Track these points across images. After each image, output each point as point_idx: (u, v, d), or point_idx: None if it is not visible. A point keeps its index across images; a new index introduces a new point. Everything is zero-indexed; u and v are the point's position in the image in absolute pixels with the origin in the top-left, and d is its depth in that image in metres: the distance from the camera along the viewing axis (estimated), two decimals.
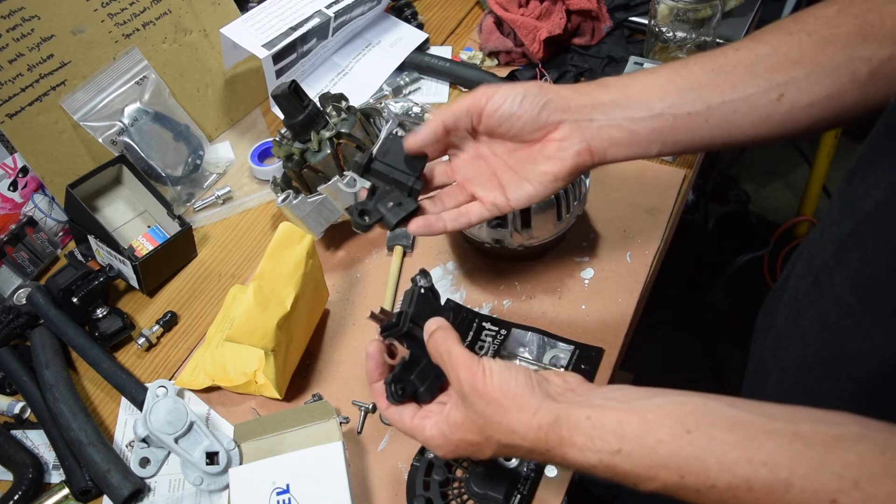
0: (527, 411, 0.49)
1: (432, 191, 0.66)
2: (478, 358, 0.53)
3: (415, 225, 0.63)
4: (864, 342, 0.50)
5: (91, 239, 0.90)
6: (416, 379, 0.58)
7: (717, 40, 1.07)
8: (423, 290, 0.61)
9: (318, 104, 0.89)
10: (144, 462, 0.74)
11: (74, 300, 0.84)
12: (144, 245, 0.94)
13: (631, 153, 0.60)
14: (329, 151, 0.86)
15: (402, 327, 0.58)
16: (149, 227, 0.96)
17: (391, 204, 0.62)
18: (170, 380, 0.80)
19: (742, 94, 0.58)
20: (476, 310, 0.83)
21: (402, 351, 0.61)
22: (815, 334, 0.55)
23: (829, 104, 0.57)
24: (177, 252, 0.93)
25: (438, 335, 0.56)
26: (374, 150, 0.63)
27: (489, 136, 0.63)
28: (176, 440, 0.71)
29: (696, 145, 0.60)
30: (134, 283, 0.90)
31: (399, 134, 0.64)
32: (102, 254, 0.90)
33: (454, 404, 0.54)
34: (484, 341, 0.79)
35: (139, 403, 0.78)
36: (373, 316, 0.63)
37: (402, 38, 1.16)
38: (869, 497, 0.37)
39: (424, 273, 0.62)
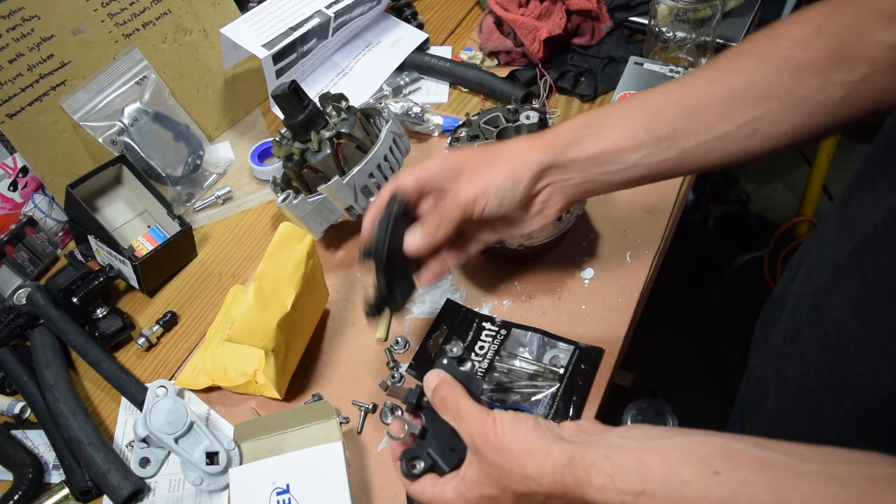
0: (539, 454, 0.47)
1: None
2: (487, 410, 0.52)
3: (426, 276, 0.67)
4: (866, 367, 0.49)
5: (91, 239, 0.90)
6: (433, 451, 0.55)
7: (717, 40, 1.07)
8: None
9: (318, 104, 0.89)
10: (144, 462, 0.74)
11: (74, 300, 0.84)
12: (144, 245, 0.94)
13: (603, 193, 0.64)
14: (329, 151, 0.86)
15: (410, 401, 0.57)
16: (149, 227, 0.96)
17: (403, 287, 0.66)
18: (170, 380, 0.80)
19: (716, 133, 0.58)
20: (476, 310, 0.83)
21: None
22: (815, 357, 0.54)
23: (801, 130, 0.57)
24: (177, 252, 0.93)
25: (444, 391, 0.54)
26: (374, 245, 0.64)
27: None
28: (176, 440, 0.71)
29: (668, 178, 0.62)
30: (134, 283, 0.90)
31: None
32: (102, 254, 0.90)
33: (468, 462, 0.53)
34: (484, 341, 0.79)
35: (139, 403, 0.78)
36: (390, 391, 0.66)
37: (402, 38, 1.16)
38: None
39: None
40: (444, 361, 0.56)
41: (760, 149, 0.58)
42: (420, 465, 0.54)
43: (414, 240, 0.64)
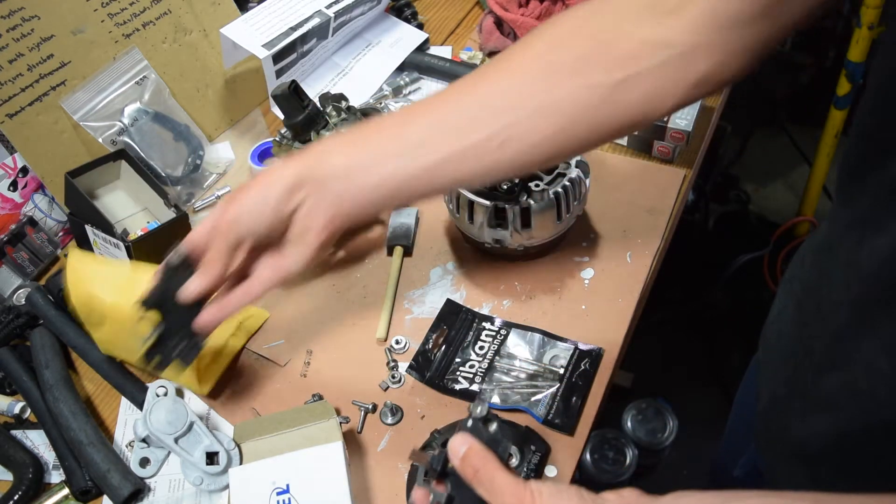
0: None
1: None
2: (523, 481, 0.47)
3: (203, 318, 0.64)
4: None
5: (89, 230, 0.90)
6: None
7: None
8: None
9: (318, 104, 0.89)
10: (144, 462, 0.74)
11: None
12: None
13: (368, 213, 0.61)
14: None
15: (435, 468, 0.51)
16: (148, 222, 0.96)
17: (183, 344, 0.65)
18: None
19: (466, 143, 0.55)
20: (476, 310, 0.83)
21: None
22: (844, 400, 0.52)
23: (558, 139, 0.55)
24: (173, 240, 0.92)
25: (475, 462, 0.48)
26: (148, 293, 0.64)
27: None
28: (176, 440, 0.71)
29: (429, 195, 0.60)
30: None
31: (172, 262, 0.64)
32: (99, 244, 0.90)
33: None
34: (484, 341, 0.79)
35: (139, 403, 0.78)
36: (413, 455, 0.59)
37: (402, 38, 1.16)
38: None
39: None
40: (469, 423, 0.51)
41: (515, 161, 0.56)
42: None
43: (190, 282, 0.63)
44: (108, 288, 0.76)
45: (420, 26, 1.20)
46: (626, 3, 0.53)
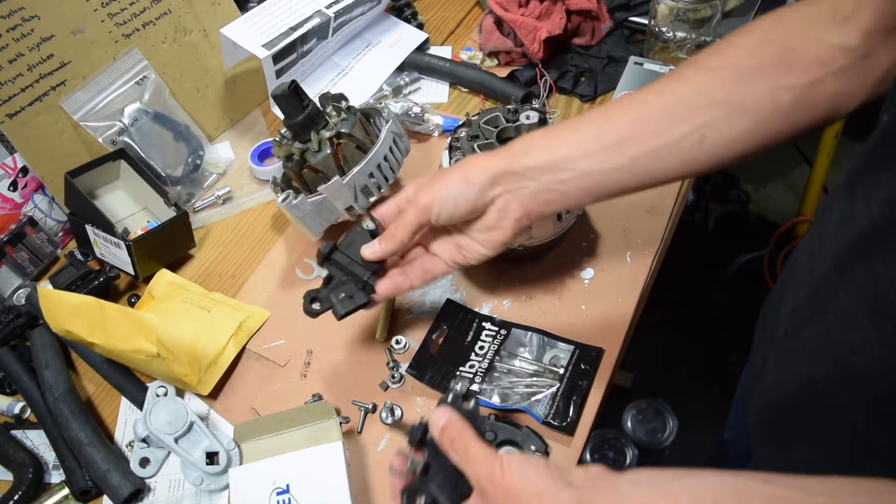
0: (547, 498, 0.47)
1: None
2: (495, 452, 0.51)
3: (383, 287, 0.69)
4: (870, 359, 0.49)
5: (89, 230, 0.90)
6: (435, 488, 0.54)
7: (717, 40, 1.07)
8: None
9: (318, 104, 0.89)
10: (144, 462, 0.74)
11: None
12: None
13: (563, 207, 0.65)
14: (329, 151, 0.86)
15: (414, 436, 0.56)
16: (148, 222, 0.96)
17: (343, 295, 0.68)
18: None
19: (664, 140, 0.59)
20: (476, 310, 0.83)
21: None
22: (819, 348, 0.54)
23: (752, 137, 0.58)
24: (173, 239, 0.93)
25: (452, 432, 0.53)
26: (339, 241, 0.68)
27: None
28: (176, 440, 0.71)
29: (626, 191, 0.63)
30: (130, 269, 0.89)
31: (367, 227, 0.69)
32: (100, 243, 0.90)
33: (473, 501, 0.52)
34: (484, 341, 0.79)
35: (139, 403, 0.78)
36: (395, 425, 0.67)
37: (402, 38, 1.16)
38: None
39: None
40: (449, 398, 0.55)
41: (711, 157, 0.59)
42: (421, 502, 0.53)
43: (372, 246, 0.68)
44: (84, 326, 0.77)
45: (420, 26, 1.20)
46: (808, 12, 0.57)
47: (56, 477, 0.77)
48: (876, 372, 0.49)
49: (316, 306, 0.67)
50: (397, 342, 0.81)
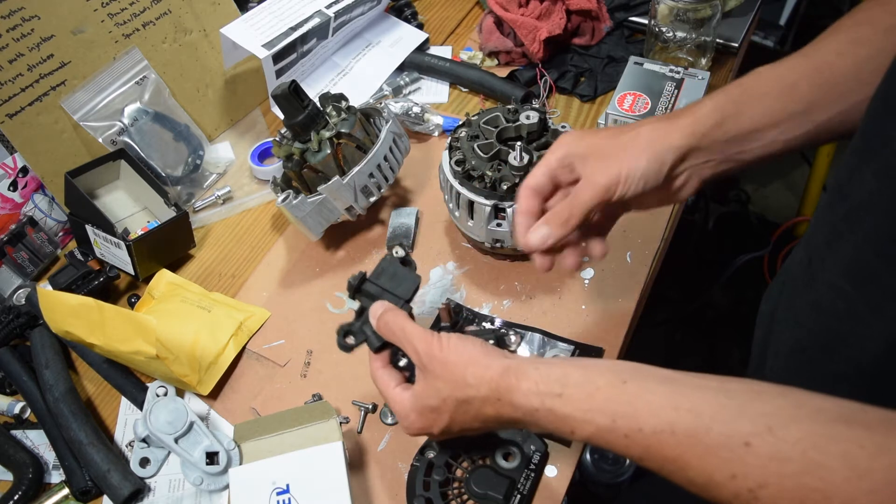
0: (480, 365, 0.53)
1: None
2: (432, 331, 0.57)
3: (569, 261, 0.65)
4: (856, 325, 0.52)
5: (89, 229, 0.90)
6: (368, 329, 0.62)
7: (717, 40, 1.07)
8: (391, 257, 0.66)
9: (318, 104, 0.89)
10: (144, 462, 0.74)
11: None
12: None
13: (735, 173, 0.63)
14: (329, 151, 0.86)
15: (351, 283, 0.63)
16: (148, 222, 0.96)
17: None
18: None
19: (848, 104, 0.58)
20: (476, 310, 0.83)
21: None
22: (808, 317, 0.56)
23: None
24: (173, 239, 0.93)
25: (388, 316, 0.60)
26: (368, 272, 0.66)
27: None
28: (176, 440, 0.71)
29: (799, 150, 0.62)
30: (130, 269, 0.89)
31: (397, 255, 0.66)
32: (100, 243, 0.90)
33: (417, 378, 0.58)
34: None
35: (139, 403, 0.78)
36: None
37: (402, 38, 1.16)
38: (779, 440, 0.40)
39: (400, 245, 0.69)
40: (389, 255, 0.62)
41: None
42: (352, 340, 0.63)
43: (539, 231, 0.61)
44: (83, 327, 0.77)
45: (420, 26, 1.20)
46: None
47: (56, 477, 0.77)
48: (863, 338, 0.51)
49: (350, 340, 0.64)
50: None
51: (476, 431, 0.58)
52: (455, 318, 0.61)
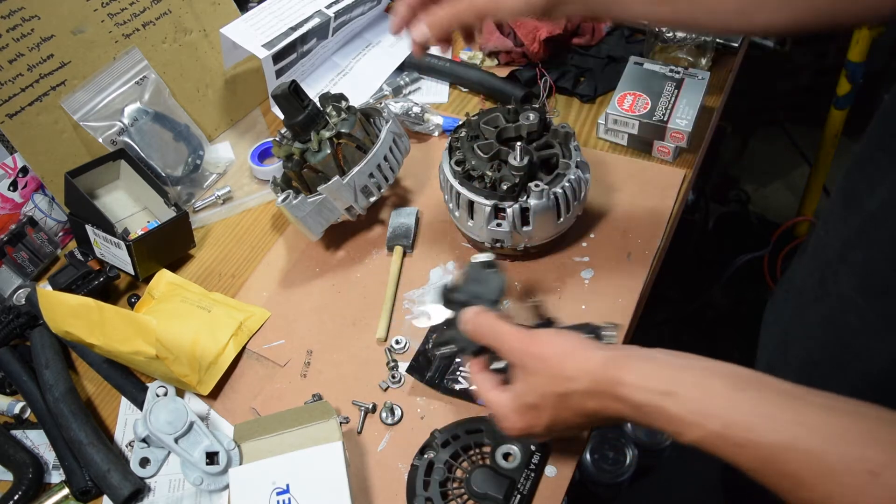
0: (579, 357, 0.51)
1: None
2: (525, 328, 0.55)
3: (415, 49, 0.72)
4: (869, 339, 0.51)
5: (89, 229, 0.90)
6: (459, 335, 0.61)
7: (717, 40, 1.07)
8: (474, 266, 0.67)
9: (318, 104, 0.89)
10: (144, 462, 0.74)
11: None
12: None
13: (597, 20, 0.66)
14: (329, 151, 0.86)
15: (442, 294, 0.63)
16: (148, 222, 0.96)
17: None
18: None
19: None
20: None
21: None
22: (820, 331, 0.56)
23: (792, 22, 0.57)
24: (173, 239, 0.93)
25: (479, 319, 0.58)
26: (450, 282, 0.67)
27: None
28: (176, 440, 0.71)
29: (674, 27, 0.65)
30: (130, 269, 0.89)
31: (479, 259, 0.68)
32: (100, 243, 0.90)
33: (515, 377, 0.56)
34: None
35: (139, 403, 0.78)
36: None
37: (402, 38, 1.16)
38: None
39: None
40: (474, 261, 0.65)
41: (760, 21, 0.58)
42: (448, 349, 0.63)
43: (421, 32, 0.69)
44: (83, 327, 0.77)
45: None
46: None
47: (56, 477, 0.77)
48: (875, 352, 0.50)
49: (446, 349, 0.64)
50: (397, 342, 0.81)
51: (580, 429, 0.56)
52: (547, 318, 0.60)
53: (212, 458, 0.71)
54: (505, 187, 0.78)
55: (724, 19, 0.60)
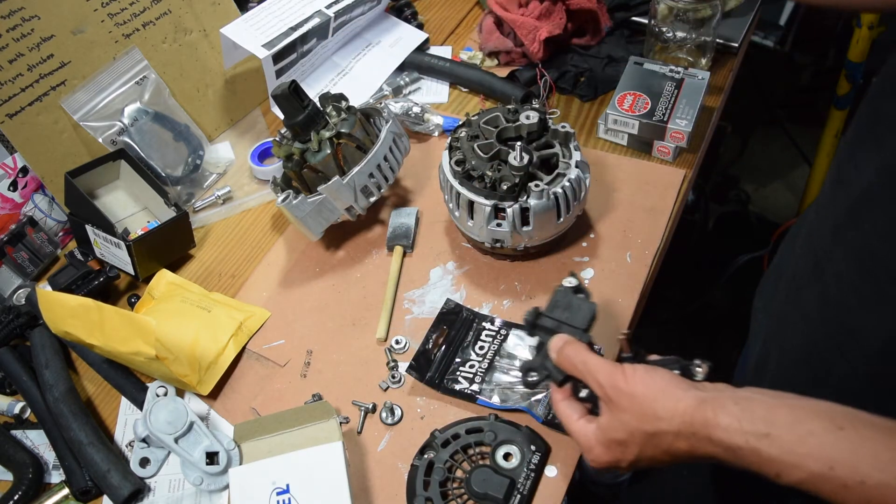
0: (671, 397, 0.50)
1: None
2: (614, 362, 0.54)
3: None
4: (867, 316, 0.51)
5: (89, 230, 0.90)
6: (549, 364, 0.60)
7: (717, 40, 1.07)
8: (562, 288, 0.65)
9: (318, 104, 0.89)
10: (144, 462, 0.74)
11: None
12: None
13: None
14: (329, 151, 0.86)
15: (527, 319, 0.62)
16: (148, 222, 0.96)
17: None
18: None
19: None
20: (476, 310, 0.83)
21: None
22: (816, 311, 0.56)
23: None
24: (173, 239, 0.93)
25: (568, 350, 0.58)
26: (542, 308, 0.65)
27: None
28: (176, 440, 0.71)
29: None
30: (130, 269, 0.89)
31: (569, 284, 0.66)
32: (100, 243, 0.90)
33: (602, 411, 0.55)
34: (484, 341, 0.79)
35: (139, 403, 0.78)
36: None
37: (402, 38, 1.16)
38: None
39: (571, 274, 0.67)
40: (561, 286, 0.63)
41: None
42: (535, 377, 0.62)
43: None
44: (82, 327, 0.77)
45: (420, 26, 1.20)
46: None
47: (56, 477, 0.77)
48: (874, 329, 0.51)
49: (533, 377, 0.63)
50: (397, 342, 0.81)
51: (665, 464, 0.55)
52: (636, 350, 0.59)
53: (212, 458, 0.71)
54: (505, 187, 0.78)
55: None
